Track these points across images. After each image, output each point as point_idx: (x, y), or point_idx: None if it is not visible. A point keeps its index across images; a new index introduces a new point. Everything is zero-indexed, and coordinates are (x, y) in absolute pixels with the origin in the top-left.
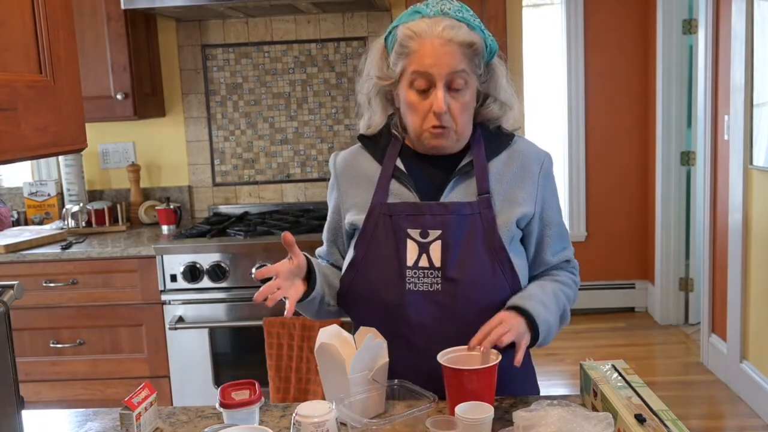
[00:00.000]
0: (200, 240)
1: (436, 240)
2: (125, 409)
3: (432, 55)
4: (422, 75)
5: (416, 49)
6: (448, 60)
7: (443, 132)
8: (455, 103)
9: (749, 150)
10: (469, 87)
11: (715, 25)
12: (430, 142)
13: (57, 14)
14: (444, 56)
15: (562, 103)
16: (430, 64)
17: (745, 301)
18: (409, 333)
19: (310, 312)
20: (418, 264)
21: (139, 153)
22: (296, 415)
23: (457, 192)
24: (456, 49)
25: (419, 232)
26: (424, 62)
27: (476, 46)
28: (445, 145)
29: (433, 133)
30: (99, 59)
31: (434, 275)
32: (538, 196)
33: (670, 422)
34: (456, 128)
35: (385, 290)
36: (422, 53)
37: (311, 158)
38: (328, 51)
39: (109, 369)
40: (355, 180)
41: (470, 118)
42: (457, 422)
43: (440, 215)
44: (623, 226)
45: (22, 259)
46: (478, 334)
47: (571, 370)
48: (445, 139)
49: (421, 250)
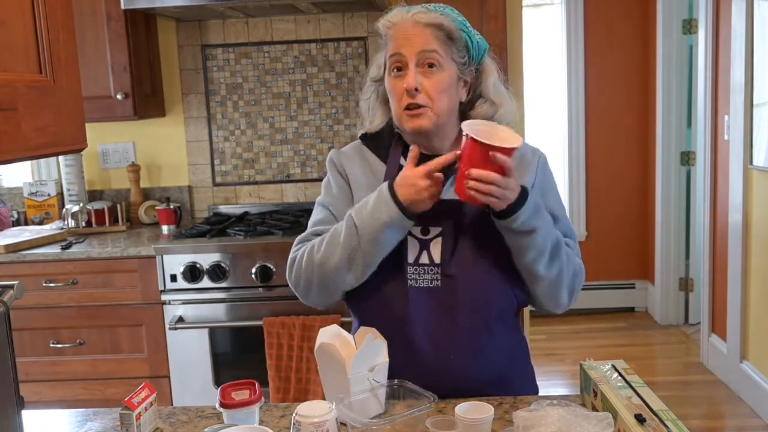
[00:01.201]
0: (200, 240)
1: (436, 237)
2: (125, 409)
3: (404, 37)
4: (397, 56)
5: (393, 35)
6: (416, 39)
7: (418, 112)
8: (428, 81)
9: (749, 150)
10: (444, 69)
11: (715, 25)
12: (408, 125)
13: (57, 14)
14: (413, 36)
15: (562, 103)
16: (401, 45)
17: (745, 301)
18: (410, 329)
19: (390, 242)
20: (418, 261)
21: (139, 153)
22: (296, 415)
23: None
24: (424, 29)
25: (420, 229)
26: (397, 45)
27: (445, 26)
28: (422, 126)
29: (409, 115)
30: (99, 59)
31: (434, 272)
32: (536, 183)
33: (670, 422)
34: (432, 108)
35: (387, 287)
36: (396, 37)
37: (311, 158)
38: (328, 51)
39: (109, 369)
40: (363, 176)
41: (450, 101)
42: (457, 422)
43: (441, 212)
44: (623, 226)
45: (22, 259)
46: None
47: (571, 370)
48: (421, 119)
49: (422, 247)
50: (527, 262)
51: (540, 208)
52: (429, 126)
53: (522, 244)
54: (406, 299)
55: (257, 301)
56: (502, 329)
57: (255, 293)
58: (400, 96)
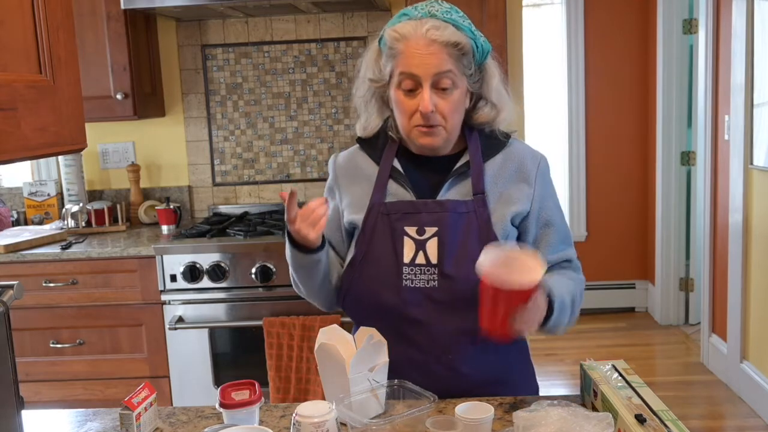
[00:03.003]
0: (200, 240)
1: (432, 237)
2: (125, 409)
3: (417, 56)
4: (409, 76)
5: (402, 51)
6: (433, 60)
7: (432, 131)
8: (443, 102)
9: (749, 150)
10: (457, 87)
11: (716, 25)
12: (420, 141)
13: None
14: (429, 57)
15: (562, 103)
16: (415, 65)
17: (745, 301)
18: (406, 329)
19: (311, 279)
20: (414, 261)
21: (139, 153)
22: (296, 415)
23: (452, 192)
24: (441, 49)
25: (416, 229)
26: (409, 63)
27: (462, 45)
28: (434, 144)
29: (421, 131)
30: (99, 59)
31: (431, 272)
32: (535, 195)
33: (670, 422)
34: (446, 126)
35: (383, 287)
36: (408, 54)
37: (311, 158)
38: (328, 51)
39: (109, 369)
40: (355, 180)
41: (461, 117)
42: (457, 422)
43: (436, 213)
44: (623, 226)
45: (22, 259)
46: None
47: (571, 370)
48: (434, 138)
49: (418, 248)
50: (546, 330)
51: (564, 306)
52: (441, 143)
53: (545, 329)
54: (401, 299)
55: (257, 301)
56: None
57: (255, 293)
58: (410, 114)
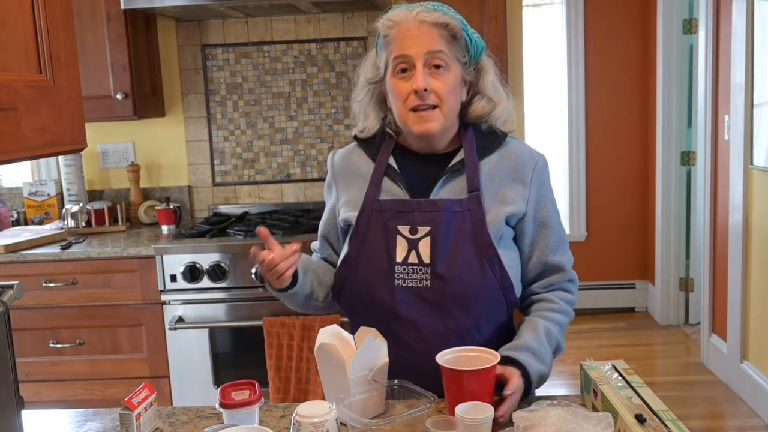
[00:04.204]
0: (200, 240)
1: (425, 236)
2: (125, 409)
3: (409, 38)
4: (402, 58)
5: (395, 36)
6: (424, 40)
7: (427, 114)
8: (436, 82)
9: (749, 150)
10: (450, 70)
11: (716, 25)
12: (417, 128)
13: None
14: (419, 37)
15: (562, 103)
16: (407, 46)
17: (745, 301)
18: (399, 329)
19: (294, 304)
20: (407, 260)
21: (138, 153)
22: (296, 415)
23: (447, 190)
24: (431, 29)
25: (408, 228)
26: (402, 45)
27: (451, 26)
28: (430, 130)
29: (419, 116)
30: (99, 59)
31: (423, 271)
32: (531, 196)
33: (670, 422)
34: (442, 108)
35: (375, 286)
36: (400, 38)
37: (311, 158)
38: (328, 51)
39: (109, 369)
40: (351, 177)
41: (457, 102)
42: (457, 422)
43: (429, 212)
44: (623, 226)
45: (22, 259)
46: (501, 407)
47: (571, 370)
48: (430, 123)
49: (411, 247)
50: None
51: (543, 371)
52: (438, 129)
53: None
54: (394, 299)
55: (257, 301)
56: (493, 329)
57: (255, 293)
58: (405, 97)
